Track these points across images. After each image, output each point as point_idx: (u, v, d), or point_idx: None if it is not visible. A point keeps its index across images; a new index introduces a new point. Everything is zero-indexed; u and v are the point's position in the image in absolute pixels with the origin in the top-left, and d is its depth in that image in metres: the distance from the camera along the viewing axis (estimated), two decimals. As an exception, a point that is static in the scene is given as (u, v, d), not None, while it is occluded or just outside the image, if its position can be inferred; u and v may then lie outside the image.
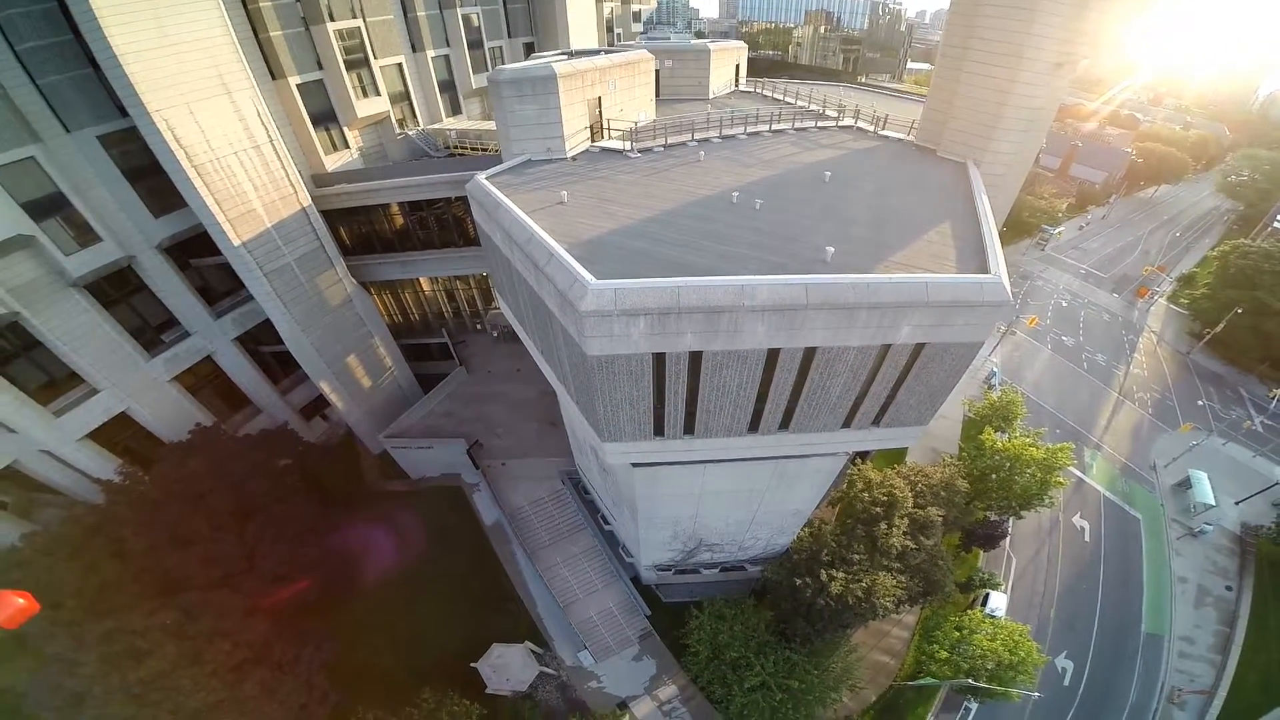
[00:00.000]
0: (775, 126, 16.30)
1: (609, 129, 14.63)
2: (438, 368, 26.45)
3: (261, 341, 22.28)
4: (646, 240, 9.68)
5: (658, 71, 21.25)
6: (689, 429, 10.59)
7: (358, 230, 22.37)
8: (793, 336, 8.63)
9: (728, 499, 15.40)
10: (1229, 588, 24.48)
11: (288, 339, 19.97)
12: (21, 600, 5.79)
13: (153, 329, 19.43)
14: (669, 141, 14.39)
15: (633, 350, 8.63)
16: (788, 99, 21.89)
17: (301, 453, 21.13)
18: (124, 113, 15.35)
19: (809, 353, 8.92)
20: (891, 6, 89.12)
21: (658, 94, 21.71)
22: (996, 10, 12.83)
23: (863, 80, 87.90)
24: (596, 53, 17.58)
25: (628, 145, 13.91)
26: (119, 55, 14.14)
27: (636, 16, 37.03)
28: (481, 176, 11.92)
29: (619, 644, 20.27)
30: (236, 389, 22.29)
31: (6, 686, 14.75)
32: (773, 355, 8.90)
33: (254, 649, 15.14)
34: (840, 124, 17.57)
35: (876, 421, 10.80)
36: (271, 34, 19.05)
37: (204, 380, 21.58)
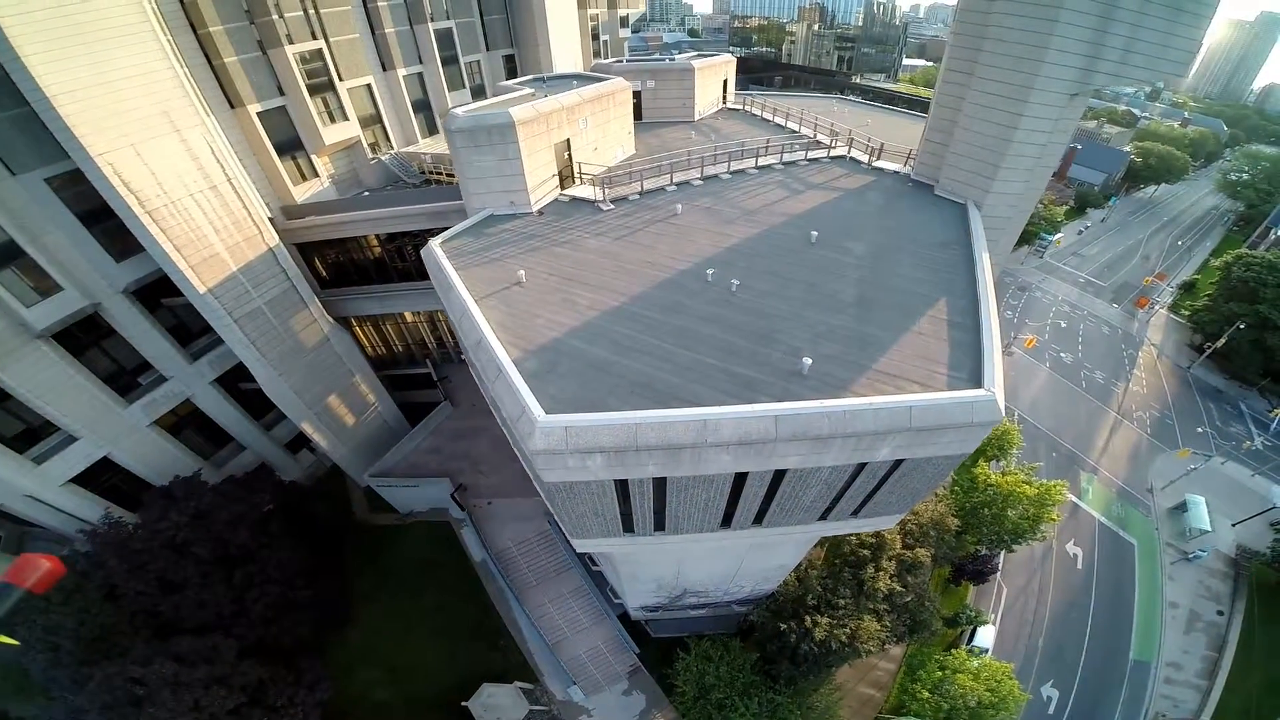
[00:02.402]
0: (762, 161, 14.66)
1: (580, 174, 13.05)
2: (424, 396, 25.31)
3: (242, 378, 21.11)
4: (607, 345, 8.34)
5: (639, 93, 19.50)
6: (659, 527, 9.49)
7: (333, 261, 20.93)
8: (762, 463, 7.47)
9: (708, 562, 14.41)
10: (1220, 612, 23.67)
11: (264, 384, 18.79)
12: (48, 563, 5.31)
13: (129, 373, 18.30)
14: (645, 188, 12.79)
15: (591, 478, 7.45)
16: (777, 119, 20.05)
17: (285, 495, 20.27)
18: (72, 152, 13.86)
19: (780, 472, 7.81)
20: (886, 3, 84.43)
21: (640, 117, 19.97)
22: (1006, 34, 10.99)
23: (858, 80, 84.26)
24: (572, 78, 15.89)
25: (600, 195, 12.36)
26: (50, 95, 12.58)
27: (624, 21, 34.49)
28: (436, 243, 10.49)
29: (608, 680, 19.72)
30: (220, 426, 21.27)
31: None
32: (742, 474, 7.79)
33: (249, 692, 15.07)
34: (832, 153, 15.89)
35: (855, 514, 9.67)
36: (226, 60, 17.30)
37: (186, 419, 20.58)
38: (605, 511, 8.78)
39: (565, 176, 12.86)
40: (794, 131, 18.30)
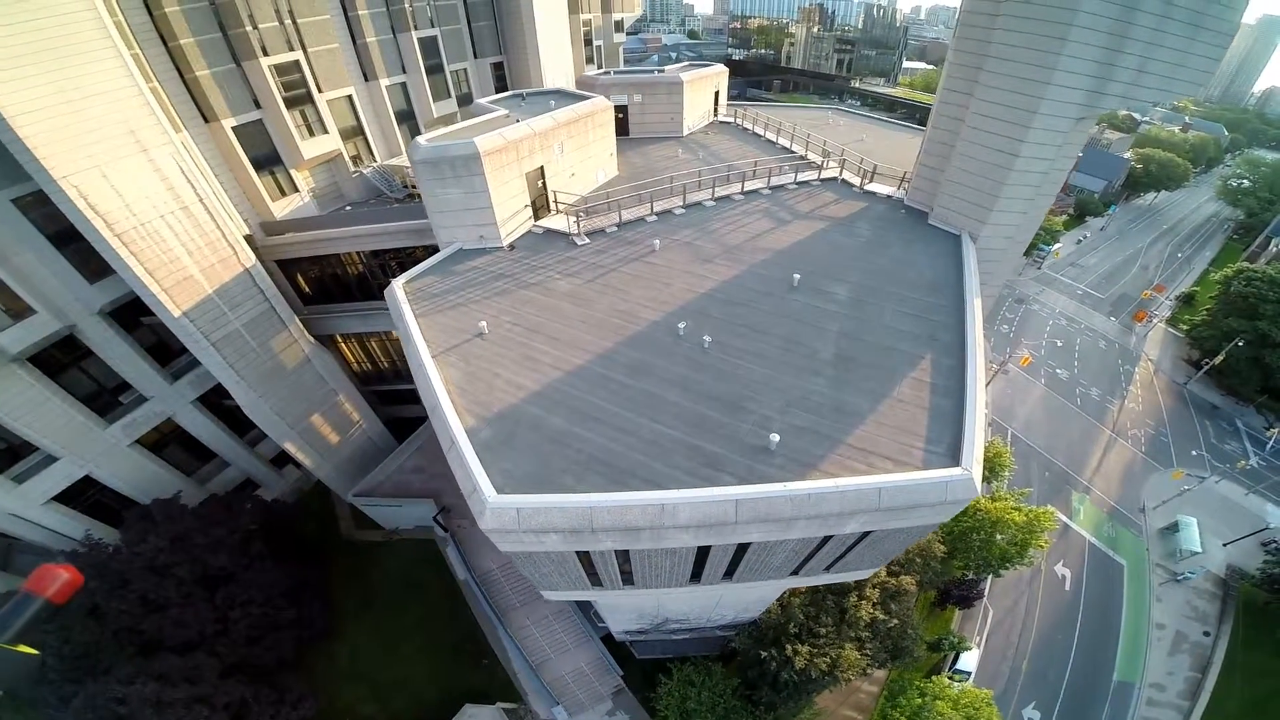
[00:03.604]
0: (748, 185, 13.82)
1: (556, 202, 12.25)
2: (411, 411, 24.70)
3: (225, 395, 20.50)
4: (568, 413, 7.69)
5: (626, 108, 18.60)
6: (628, 583, 8.91)
7: (315, 277, 20.23)
8: (723, 539, 6.88)
9: (688, 597, 13.90)
10: (1206, 633, 23.21)
11: (244, 405, 18.21)
12: (66, 574, 5.02)
13: (109, 392, 17.75)
14: (624, 218, 12.00)
15: (549, 550, 6.85)
16: (769, 134, 19.11)
17: (268, 513, 19.83)
18: (37, 172, 13.15)
19: (743, 545, 7.24)
20: (886, 7, 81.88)
21: (627, 132, 19.07)
22: (1010, 53, 9.97)
23: (857, 84, 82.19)
24: (551, 96, 15.01)
25: (575, 228, 11.57)
26: (7, 116, 11.83)
27: (619, 26, 33.22)
28: (399, 283, 9.78)
29: (592, 700, 19.35)
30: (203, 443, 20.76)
31: None
32: (704, 547, 7.23)
33: (232, 711, 14.86)
34: (823, 175, 15.02)
35: (828, 569, 9.06)
36: (198, 74, 16.45)
37: (169, 436, 20.07)
38: (569, 572, 8.24)
39: (539, 206, 12.07)
40: (785, 149, 17.41)
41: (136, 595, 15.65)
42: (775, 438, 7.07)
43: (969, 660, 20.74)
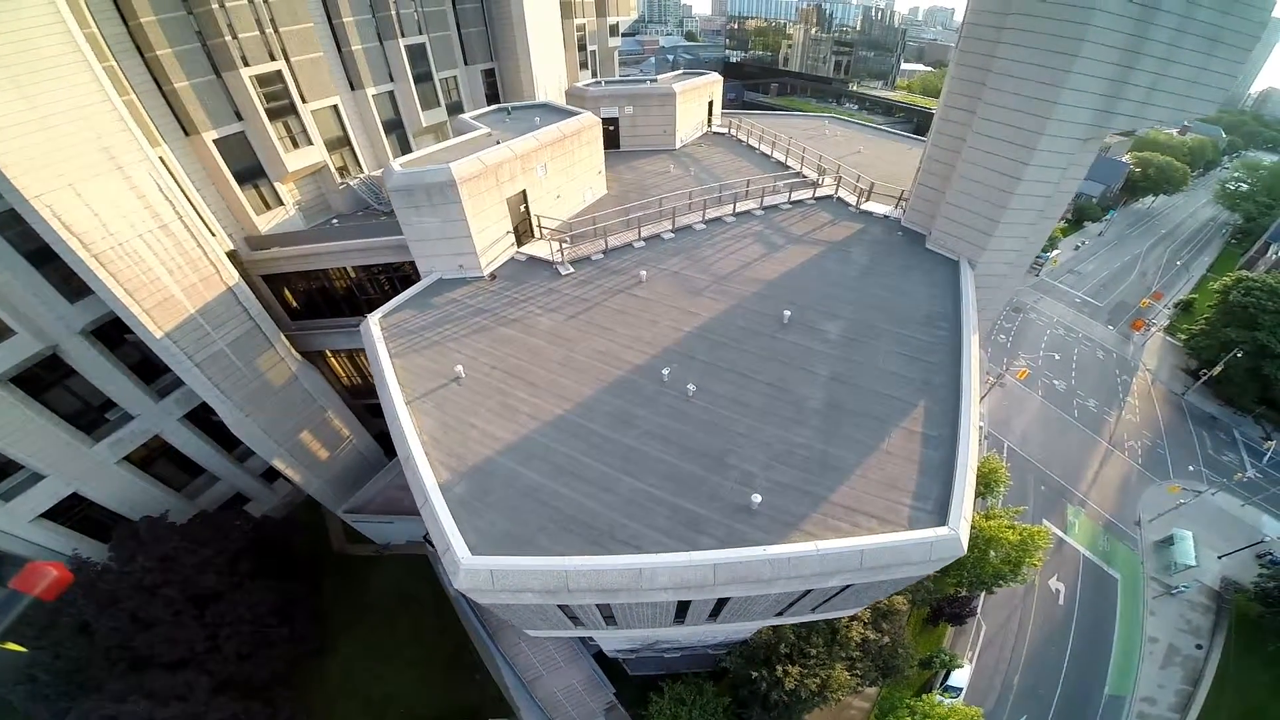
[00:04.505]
0: (741, 206, 13.27)
1: (540, 227, 11.71)
2: (403, 423, 24.26)
3: (213, 411, 20.08)
4: (545, 468, 7.31)
5: (617, 120, 17.98)
6: (611, 624, 8.54)
7: (303, 291, 19.71)
8: (702, 596, 6.59)
9: (676, 629, 13.45)
10: (1199, 646, 23.00)
11: (231, 425, 17.78)
12: (55, 571, 4.91)
13: (94, 409, 17.31)
14: (610, 245, 11.47)
15: (526, 604, 6.51)
16: (763, 147, 18.51)
17: (258, 531, 19.49)
18: (8, 189, 12.63)
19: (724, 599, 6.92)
20: (884, 8, 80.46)
21: (618, 145, 18.46)
22: (1015, 69, 9.26)
23: (855, 87, 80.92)
24: (537, 111, 14.42)
25: (559, 256, 11.04)
26: None
27: (614, 30, 32.39)
28: (375, 319, 9.30)
29: (584, 717, 19.15)
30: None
31: None
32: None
33: None
34: (818, 193, 14.47)
35: (813, 611, 8.70)
36: (177, 85, 15.84)
37: (157, 452, 19.65)
38: (550, 617, 7.88)
39: (522, 232, 11.54)
40: (780, 163, 16.83)
41: (126, 613, 15.40)
42: (757, 498, 6.70)
43: (960, 676, 20.52)
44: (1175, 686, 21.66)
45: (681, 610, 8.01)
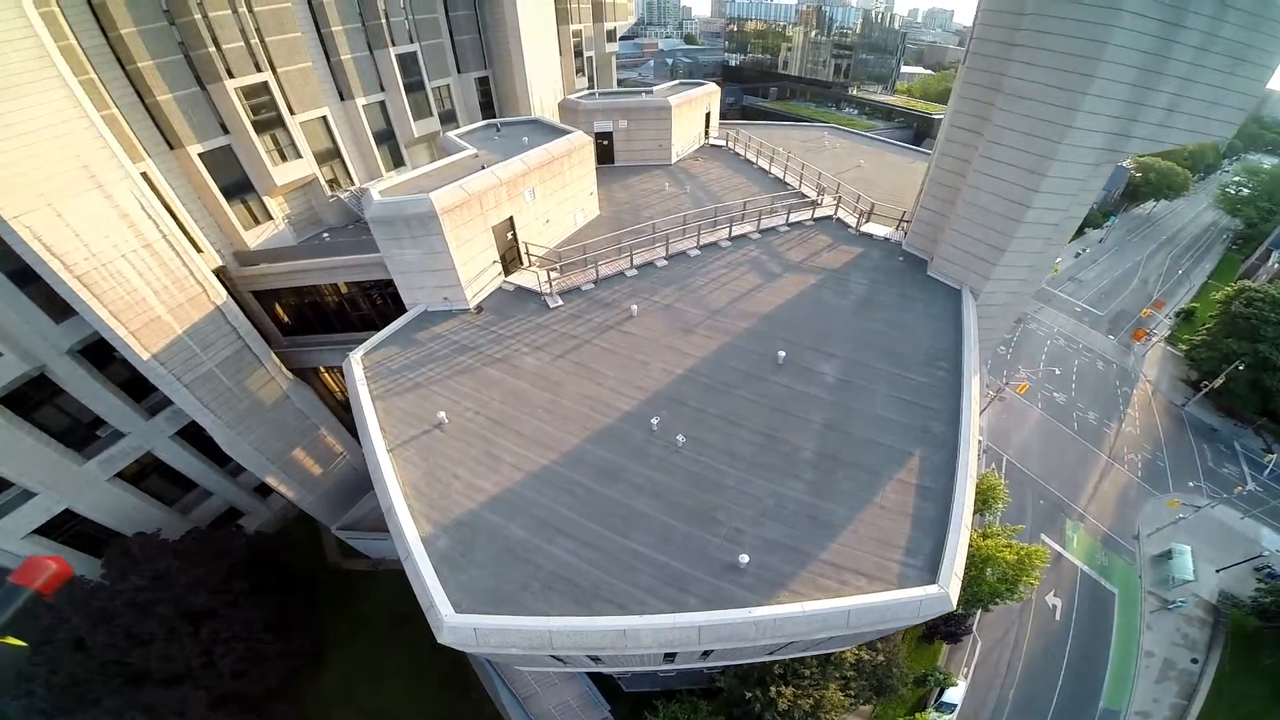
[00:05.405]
0: (737, 229, 12.84)
1: (528, 254, 11.31)
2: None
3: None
4: (530, 522, 7.03)
5: (610, 135, 17.53)
6: (598, 663, 8.28)
7: (294, 306, 19.33)
8: (687, 649, 6.43)
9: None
10: (1195, 660, 22.87)
11: (223, 444, 17.45)
12: (54, 565, 4.83)
13: (85, 427, 17.00)
14: (601, 274, 11.07)
15: (512, 655, 6.37)
16: (761, 161, 18.05)
17: (251, 546, 19.26)
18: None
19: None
20: (884, 10, 79.33)
21: (612, 160, 18.01)
22: (1026, 89, 8.60)
23: (855, 91, 79.98)
24: (525, 128, 13.97)
25: (548, 288, 10.64)
26: None
27: (611, 35, 31.77)
28: (357, 356, 8.95)
29: (577, 734, 18.93)
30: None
31: None
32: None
33: None
34: (817, 214, 14.05)
35: (804, 651, 8.43)
36: (160, 98, 15.37)
37: (150, 468, 19.39)
38: (538, 660, 7.62)
39: (510, 260, 11.14)
40: (778, 179, 16.38)
41: (121, 630, 15.28)
42: (745, 557, 6.43)
43: (955, 693, 20.32)
44: (1170, 700, 21.56)
45: (670, 655, 7.73)
